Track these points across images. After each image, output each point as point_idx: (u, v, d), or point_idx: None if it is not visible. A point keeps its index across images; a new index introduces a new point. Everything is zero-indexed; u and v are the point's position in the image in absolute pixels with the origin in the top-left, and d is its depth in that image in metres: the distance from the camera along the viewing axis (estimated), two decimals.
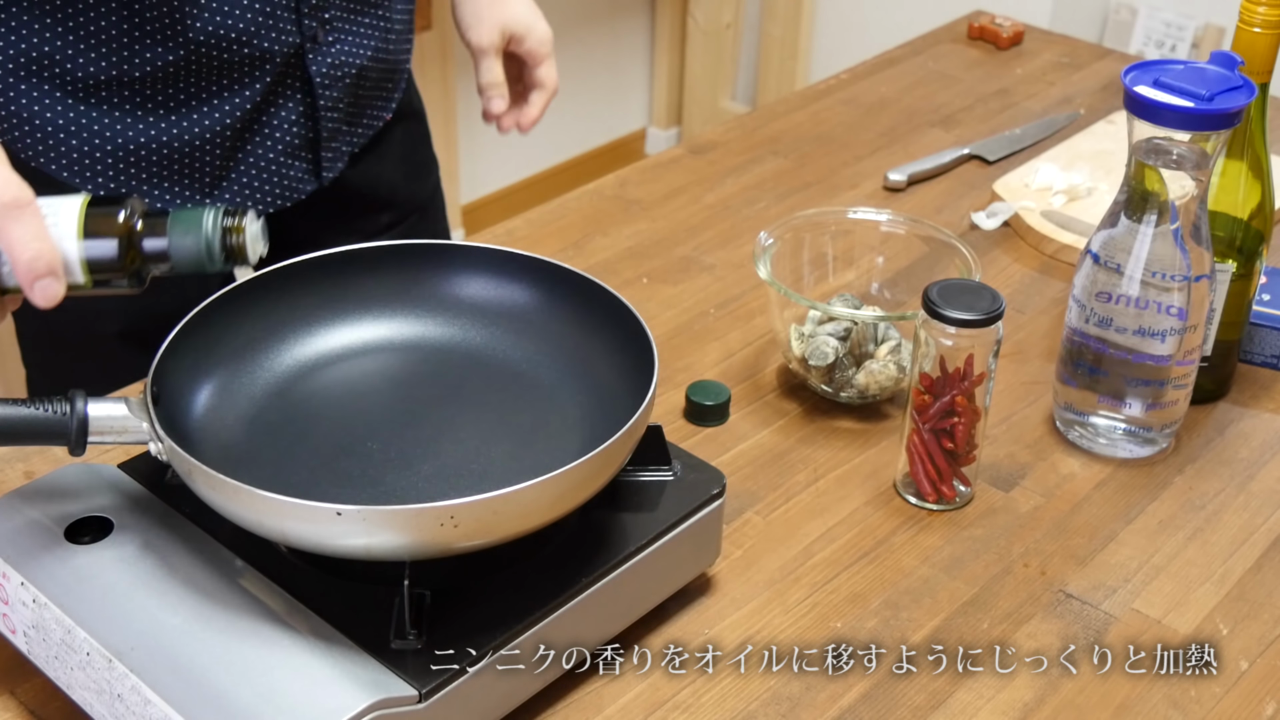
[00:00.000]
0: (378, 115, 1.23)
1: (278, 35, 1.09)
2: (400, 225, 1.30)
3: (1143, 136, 0.94)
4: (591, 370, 0.88)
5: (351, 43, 1.15)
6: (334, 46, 1.13)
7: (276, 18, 1.08)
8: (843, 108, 1.54)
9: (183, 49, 1.05)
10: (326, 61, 1.13)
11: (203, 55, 1.06)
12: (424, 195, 1.33)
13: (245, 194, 1.14)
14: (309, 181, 1.18)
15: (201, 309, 0.85)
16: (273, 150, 1.14)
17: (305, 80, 1.13)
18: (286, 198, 1.16)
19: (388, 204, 1.28)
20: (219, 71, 1.08)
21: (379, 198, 1.27)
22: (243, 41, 1.07)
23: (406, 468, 0.82)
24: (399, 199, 1.29)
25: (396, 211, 1.29)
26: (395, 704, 0.71)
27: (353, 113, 1.19)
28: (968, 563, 0.93)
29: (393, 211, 1.29)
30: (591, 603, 0.80)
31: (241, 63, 1.08)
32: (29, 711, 0.80)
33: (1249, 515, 0.98)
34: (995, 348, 0.93)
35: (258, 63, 1.09)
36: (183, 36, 1.04)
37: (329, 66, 1.13)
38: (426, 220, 1.33)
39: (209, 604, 0.75)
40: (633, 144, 3.38)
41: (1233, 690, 0.85)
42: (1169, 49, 2.79)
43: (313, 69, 1.12)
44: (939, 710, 0.82)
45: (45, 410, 0.76)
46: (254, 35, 1.07)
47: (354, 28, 1.15)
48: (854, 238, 1.14)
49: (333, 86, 1.14)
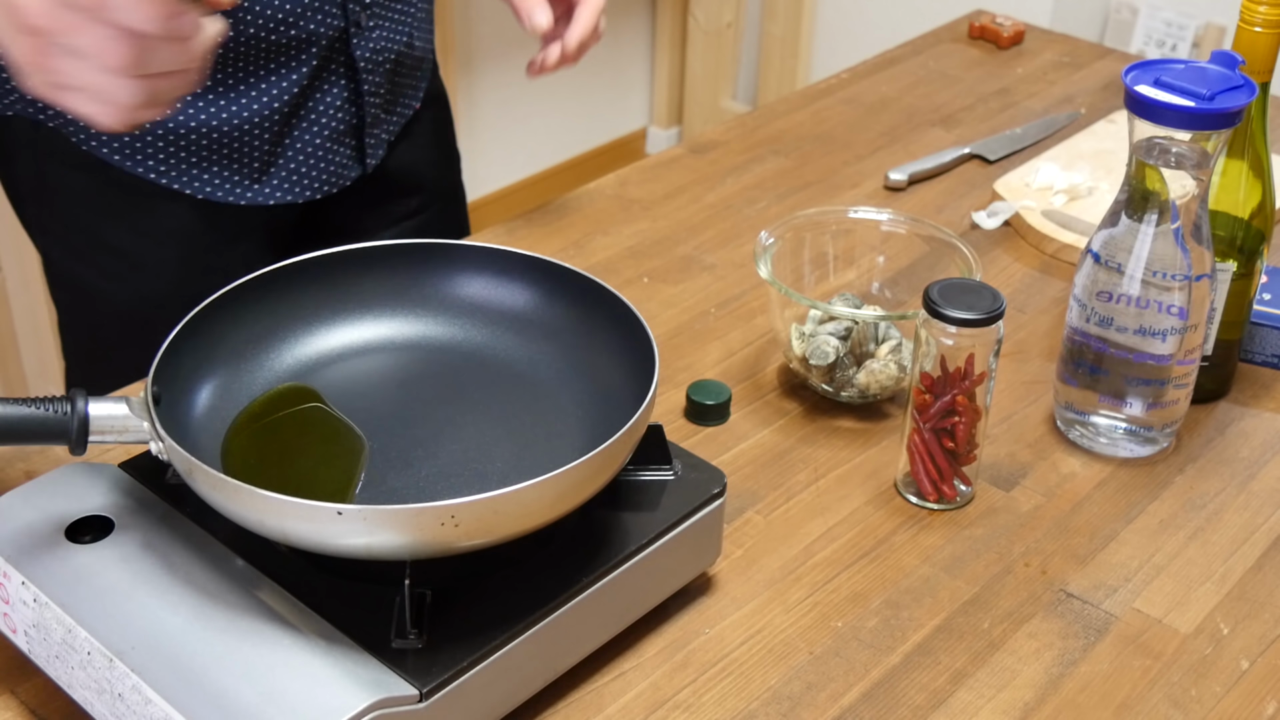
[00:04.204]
0: (409, 103, 1.26)
1: (323, 18, 1.12)
2: (429, 210, 1.33)
3: (1143, 136, 0.94)
4: (592, 370, 0.88)
5: (389, 29, 1.18)
6: (374, 32, 1.17)
7: (323, 1, 1.12)
8: (843, 107, 1.54)
9: (232, 30, 1.08)
10: (369, 46, 1.17)
11: (251, 37, 1.09)
12: (451, 180, 1.38)
13: (293, 180, 1.17)
14: (353, 167, 1.21)
15: (202, 309, 0.85)
16: (319, 135, 1.17)
17: (350, 64, 1.16)
18: (333, 184, 1.20)
19: (417, 189, 1.32)
20: (267, 54, 1.11)
21: (410, 183, 1.30)
22: (289, 24, 1.10)
23: (406, 468, 0.83)
24: (427, 184, 1.33)
25: (425, 196, 1.33)
26: (396, 703, 0.71)
27: (390, 99, 1.22)
28: (968, 562, 0.93)
29: (421, 196, 1.32)
30: (592, 602, 0.80)
31: (289, 45, 1.11)
32: (30, 711, 0.80)
33: (1250, 515, 0.98)
34: (996, 347, 0.93)
35: (304, 45, 1.12)
36: (232, 18, 1.07)
37: (371, 51, 1.17)
38: (452, 206, 1.38)
39: (210, 603, 0.75)
40: (633, 143, 3.38)
41: (1233, 690, 0.85)
42: (1170, 48, 2.79)
43: (357, 53, 1.16)
44: (939, 710, 0.82)
45: (46, 410, 0.76)
46: (301, 17, 1.11)
47: (391, 15, 1.19)
48: (855, 237, 1.14)
49: (375, 71, 1.18)
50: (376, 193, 1.27)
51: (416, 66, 1.26)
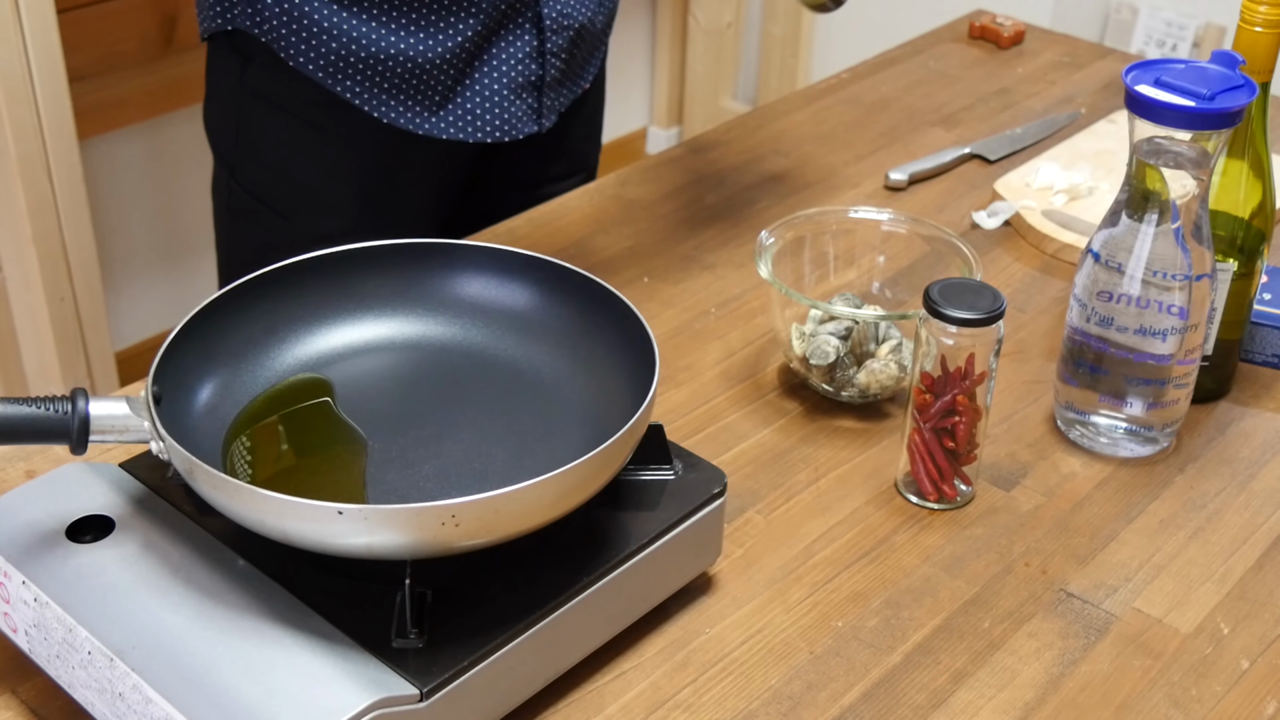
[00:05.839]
0: (582, 81, 1.36)
1: None
2: (569, 179, 1.44)
3: (1144, 136, 0.94)
4: (593, 369, 0.88)
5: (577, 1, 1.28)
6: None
7: None
8: (844, 107, 1.54)
9: None
10: (556, 8, 1.26)
11: None
12: (591, 160, 1.49)
13: (467, 119, 1.25)
14: (529, 122, 1.29)
15: (202, 308, 0.85)
16: (499, 82, 1.26)
17: (538, 21, 1.25)
18: (506, 131, 1.28)
19: (562, 155, 1.42)
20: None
21: (568, 152, 1.43)
22: None
23: (407, 467, 0.83)
24: (572, 155, 1.44)
25: (569, 163, 1.44)
26: (396, 703, 0.71)
27: (568, 68, 1.31)
28: (969, 562, 0.93)
29: (565, 161, 1.44)
30: (592, 602, 0.80)
31: None
32: (30, 710, 0.80)
33: (1250, 514, 0.98)
34: (996, 347, 0.93)
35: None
36: None
37: (558, 14, 1.26)
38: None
39: (210, 603, 0.75)
40: (633, 143, 3.38)
41: (1234, 689, 0.85)
42: (1170, 48, 2.79)
43: (545, 9, 1.25)
44: (940, 709, 0.82)
45: (46, 409, 0.76)
46: None
47: None
48: (855, 237, 1.14)
49: (560, 34, 1.27)
50: (541, 153, 1.38)
51: (595, 46, 1.35)
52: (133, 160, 2.35)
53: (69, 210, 2.02)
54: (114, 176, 2.33)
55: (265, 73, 1.25)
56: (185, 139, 2.36)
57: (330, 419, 0.86)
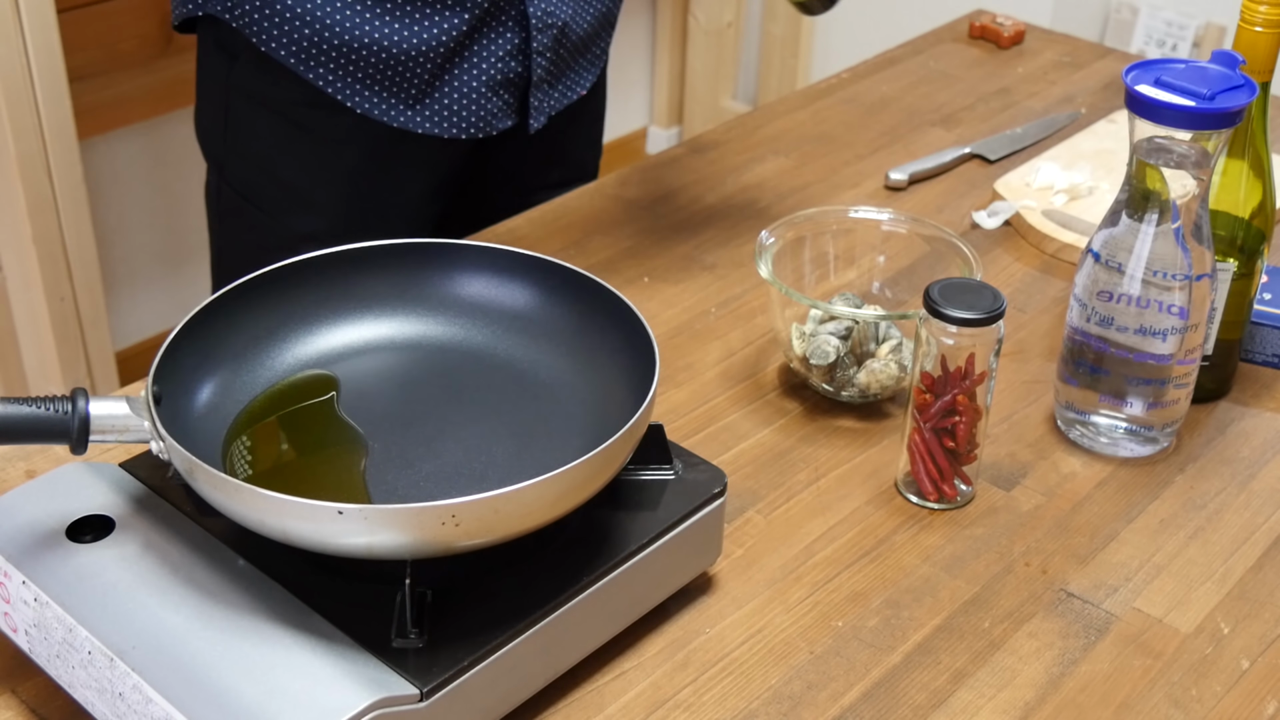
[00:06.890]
0: (576, 87, 1.35)
1: None
2: (568, 186, 1.41)
3: (1144, 135, 0.94)
4: (593, 369, 0.88)
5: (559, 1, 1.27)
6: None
7: None
8: (844, 107, 1.54)
9: None
10: (542, 6, 1.24)
11: None
12: (591, 168, 1.48)
13: (445, 115, 1.24)
14: (505, 118, 1.28)
15: (202, 308, 0.85)
16: (479, 79, 1.24)
17: (523, 19, 1.24)
18: (481, 129, 1.27)
19: (562, 163, 1.41)
20: None
21: (567, 159, 1.42)
22: None
23: (407, 467, 0.83)
24: (571, 162, 1.43)
25: (568, 170, 1.43)
26: (397, 702, 0.71)
27: (556, 69, 1.30)
28: (969, 562, 0.93)
29: (565, 169, 1.42)
30: (592, 602, 0.80)
31: None
32: (30, 710, 0.80)
33: (1250, 514, 0.98)
34: (996, 347, 0.93)
35: None
36: None
37: (544, 12, 1.24)
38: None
39: (210, 603, 0.75)
40: (634, 143, 3.38)
41: (1234, 689, 0.85)
42: (1170, 48, 2.79)
43: (530, 7, 1.23)
44: (940, 709, 0.82)
45: (46, 409, 0.76)
46: None
47: None
48: (855, 237, 1.14)
49: (545, 32, 1.25)
50: (535, 157, 1.37)
51: (586, 49, 1.33)
52: (133, 160, 2.35)
53: (69, 210, 2.02)
54: (114, 176, 2.33)
55: (251, 72, 1.24)
56: (185, 139, 2.36)
57: (330, 419, 0.86)
